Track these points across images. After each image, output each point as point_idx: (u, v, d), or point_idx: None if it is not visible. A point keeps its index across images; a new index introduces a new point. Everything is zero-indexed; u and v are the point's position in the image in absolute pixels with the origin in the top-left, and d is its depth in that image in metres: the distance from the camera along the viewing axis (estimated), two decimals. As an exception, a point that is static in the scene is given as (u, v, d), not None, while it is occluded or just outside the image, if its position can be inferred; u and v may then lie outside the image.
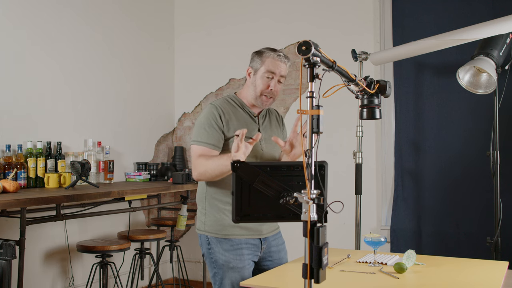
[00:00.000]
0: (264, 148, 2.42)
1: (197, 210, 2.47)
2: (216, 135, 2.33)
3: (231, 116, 2.38)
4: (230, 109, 2.40)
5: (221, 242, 2.33)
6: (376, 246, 2.20)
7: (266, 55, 2.39)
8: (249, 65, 2.45)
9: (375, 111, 1.99)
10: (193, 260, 4.69)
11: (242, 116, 2.42)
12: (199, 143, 2.33)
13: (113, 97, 4.24)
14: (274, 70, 2.37)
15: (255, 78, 2.40)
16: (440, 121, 3.78)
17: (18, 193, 3.06)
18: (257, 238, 2.39)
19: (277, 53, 2.40)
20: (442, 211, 3.74)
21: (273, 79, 2.38)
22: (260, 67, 2.38)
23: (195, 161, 2.32)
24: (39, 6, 3.65)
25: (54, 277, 3.65)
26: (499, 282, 1.93)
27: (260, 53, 2.42)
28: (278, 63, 2.37)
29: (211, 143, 2.32)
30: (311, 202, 1.39)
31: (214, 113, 2.35)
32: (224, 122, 2.35)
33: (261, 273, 2.22)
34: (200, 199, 2.44)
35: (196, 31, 4.80)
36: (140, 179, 4.21)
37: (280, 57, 2.39)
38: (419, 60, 3.79)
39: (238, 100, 2.46)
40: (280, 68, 2.38)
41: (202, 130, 2.34)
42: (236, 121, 2.38)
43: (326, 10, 4.22)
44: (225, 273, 2.31)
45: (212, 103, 2.42)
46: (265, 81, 2.37)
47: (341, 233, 3.93)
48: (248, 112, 2.45)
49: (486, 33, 2.96)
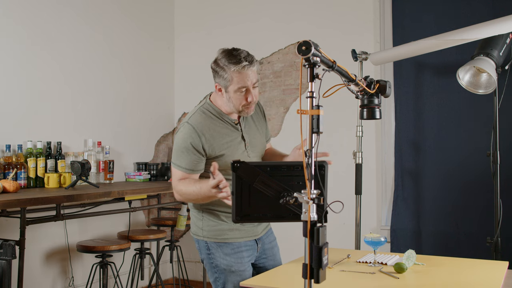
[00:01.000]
0: (250, 154, 2.35)
1: (191, 215, 2.41)
2: (194, 159, 2.21)
3: (211, 133, 2.24)
4: (209, 124, 2.25)
5: (222, 247, 2.29)
6: (376, 246, 2.19)
7: (228, 69, 2.15)
8: (215, 81, 2.24)
9: (375, 111, 1.99)
10: (193, 260, 4.69)
11: (223, 128, 2.29)
12: (178, 168, 2.24)
13: (113, 97, 4.24)
14: (245, 84, 2.16)
15: (228, 95, 2.21)
16: (440, 121, 3.78)
17: (18, 193, 3.06)
18: (253, 240, 2.37)
19: (239, 63, 2.13)
20: (442, 211, 3.74)
21: (249, 91, 2.19)
22: (230, 85, 2.17)
23: (176, 185, 2.24)
24: (39, 6, 3.65)
25: (54, 277, 3.65)
26: (499, 282, 1.93)
27: (221, 68, 2.17)
28: (246, 74, 2.15)
29: (189, 168, 2.22)
30: (311, 202, 1.39)
31: (193, 136, 2.20)
32: (205, 143, 2.21)
33: (260, 273, 2.22)
34: (194, 205, 2.36)
35: (196, 31, 4.80)
36: (140, 179, 4.21)
37: (244, 67, 2.14)
38: (419, 60, 3.79)
39: (214, 110, 2.29)
40: (251, 77, 2.17)
41: (180, 154, 2.23)
42: (219, 136, 2.26)
43: (326, 10, 4.22)
44: (227, 277, 2.28)
45: (188, 122, 2.24)
46: (240, 97, 2.19)
47: (341, 233, 3.93)
48: (228, 120, 2.30)
49: (486, 33, 2.96)
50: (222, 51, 2.21)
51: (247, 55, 2.17)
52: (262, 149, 2.45)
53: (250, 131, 2.39)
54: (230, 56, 2.17)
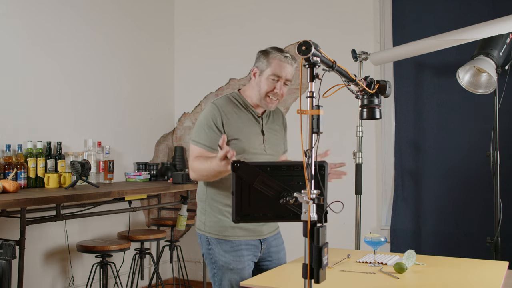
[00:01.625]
0: (268, 150, 2.39)
1: (197, 209, 2.45)
2: (214, 137, 2.27)
3: (233, 116, 2.32)
4: (232, 109, 2.34)
5: (221, 243, 2.32)
6: (376, 246, 2.20)
7: (272, 56, 2.31)
8: (255, 65, 2.37)
9: (375, 111, 1.99)
10: (193, 260, 4.69)
11: (245, 116, 2.37)
12: (197, 144, 2.31)
13: (113, 97, 4.24)
14: (280, 73, 2.29)
15: (260, 79, 2.33)
16: (440, 121, 3.78)
17: (18, 193, 3.06)
18: (257, 239, 2.38)
19: (284, 54, 2.31)
20: (442, 211, 3.74)
21: (279, 81, 2.31)
22: (266, 69, 2.31)
23: (192, 162, 2.29)
24: (39, 6, 3.65)
25: (54, 277, 3.65)
26: (499, 282, 1.93)
27: (266, 54, 2.33)
28: (284, 66, 2.30)
29: (208, 145, 2.28)
30: (311, 202, 1.39)
31: (215, 113, 2.30)
32: (225, 123, 2.29)
33: (261, 273, 2.22)
34: (200, 198, 2.42)
35: (196, 31, 4.80)
36: (140, 179, 4.21)
37: (288, 59, 2.31)
38: (419, 60, 3.79)
39: (241, 99, 2.39)
40: (287, 71, 2.31)
41: (201, 131, 2.31)
42: (239, 121, 2.33)
43: (326, 10, 4.22)
44: (225, 274, 2.30)
45: (213, 102, 2.35)
46: (270, 83, 2.31)
47: (341, 233, 3.93)
48: (252, 111, 2.39)
49: (486, 33, 2.96)
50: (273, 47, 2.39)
51: (292, 54, 2.36)
52: (279, 151, 2.48)
53: (271, 130, 2.45)
54: (278, 49, 2.35)
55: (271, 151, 2.41)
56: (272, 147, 2.43)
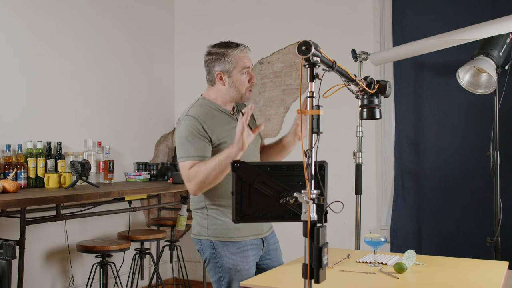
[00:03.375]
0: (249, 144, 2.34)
1: (194, 216, 2.37)
2: (202, 144, 2.21)
3: (212, 121, 2.27)
4: (208, 113, 2.29)
5: (227, 246, 2.27)
6: (376, 246, 2.19)
7: (231, 53, 2.29)
8: (217, 70, 2.31)
9: (375, 111, 1.99)
10: (193, 260, 4.69)
11: (221, 117, 2.33)
12: (186, 158, 2.20)
13: (113, 97, 4.24)
14: (248, 63, 2.30)
15: (231, 80, 2.30)
16: (440, 121, 3.78)
17: (18, 193, 3.06)
18: (260, 238, 2.37)
19: (238, 47, 2.31)
20: (442, 211, 3.74)
21: (250, 72, 2.32)
22: (234, 68, 2.28)
23: (188, 174, 2.17)
24: (40, 6, 3.65)
25: (54, 277, 3.65)
26: (499, 282, 1.93)
27: (222, 54, 2.30)
28: (247, 56, 2.32)
29: (199, 155, 2.19)
30: (311, 202, 1.39)
31: (195, 124, 2.23)
32: (208, 130, 2.24)
33: (261, 273, 2.21)
34: (198, 207, 2.34)
35: (196, 31, 4.80)
36: (140, 179, 4.21)
37: (244, 47, 2.32)
38: (419, 60, 3.79)
39: (210, 103, 2.35)
40: (250, 59, 2.33)
41: (186, 145, 2.22)
42: (218, 125, 2.29)
43: (326, 10, 4.22)
44: (232, 276, 2.25)
45: (188, 115, 2.28)
46: (245, 78, 2.30)
47: (341, 233, 3.93)
48: (224, 111, 2.35)
49: (486, 33, 2.96)
50: (213, 45, 2.34)
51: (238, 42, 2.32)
52: (257, 142, 2.45)
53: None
54: (225, 44, 2.31)
55: (253, 145, 2.37)
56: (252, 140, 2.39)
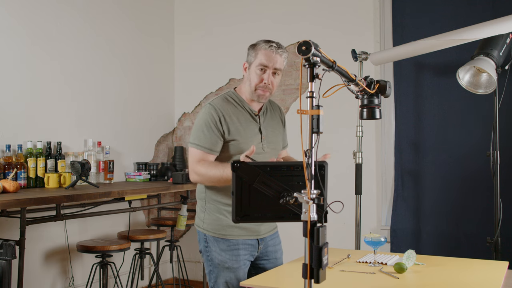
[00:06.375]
0: (265, 148, 2.40)
1: (196, 206, 2.46)
2: (214, 138, 2.28)
3: (231, 117, 2.32)
4: (229, 109, 2.34)
5: (218, 242, 2.33)
6: (376, 246, 2.20)
7: (258, 47, 2.31)
8: (246, 60, 2.38)
9: (375, 111, 1.99)
10: (193, 260, 4.69)
11: (243, 115, 2.36)
12: (196, 146, 2.29)
13: (113, 97, 4.24)
14: (266, 63, 2.28)
15: (249, 72, 2.34)
16: (440, 121, 3.78)
17: (18, 193, 3.06)
18: (255, 239, 2.38)
19: (269, 44, 2.30)
20: (442, 211, 3.74)
21: (266, 72, 2.29)
22: (254, 61, 2.31)
23: (194, 166, 2.27)
24: (39, 6, 3.65)
25: (54, 277, 3.65)
26: (499, 282, 1.93)
27: (254, 46, 2.35)
28: (270, 55, 2.28)
29: (208, 147, 2.28)
30: (311, 202, 1.39)
31: (213, 114, 2.29)
32: (224, 124, 2.29)
33: (260, 273, 2.22)
34: (199, 196, 2.43)
35: (196, 31, 4.80)
36: (140, 179, 4.21)
37: (273, 47, 2.28)
38: (419, 60, 3.79)
39: (237, 97, 2.39)
40: (274, 60, 2.28)
41: (199, 133, 2.30)
42: (237, 121, 2.33)
43: (326, 10, 4.22)
44: (220, 272, 2.32)
45: (210, 104, 2.34)
46: (258, 75, 2.30)
47: (341, 233, 3.93)
48: (248, 110, 2.38)
49: (486, 33, 2.96)
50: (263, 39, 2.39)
51: (278, 43, 2.34)
52: (278, 148, 2.49)
53: (268, 127, 2.44)
54: (266, 40, 2.36)
55: (269, 149, 2.42)
56: (271, 144, 2.43)
